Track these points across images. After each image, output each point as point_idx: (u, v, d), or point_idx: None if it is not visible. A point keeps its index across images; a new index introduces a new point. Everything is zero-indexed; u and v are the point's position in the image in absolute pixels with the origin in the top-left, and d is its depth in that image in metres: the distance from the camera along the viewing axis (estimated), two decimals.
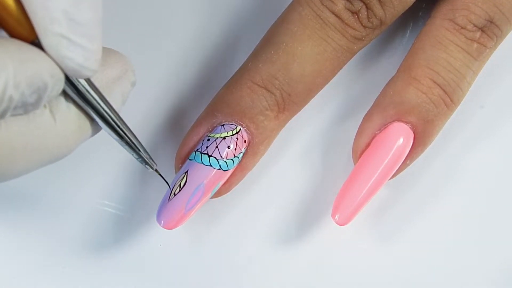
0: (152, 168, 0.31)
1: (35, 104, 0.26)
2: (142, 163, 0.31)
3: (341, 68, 0.34)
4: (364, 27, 0.33)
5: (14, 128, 0.26)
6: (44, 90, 0.25)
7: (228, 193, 0.35)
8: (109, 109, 0.28)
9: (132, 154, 0.30)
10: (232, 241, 0.35)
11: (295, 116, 0.35)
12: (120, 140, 0.29)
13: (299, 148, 0.36)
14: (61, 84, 0.26)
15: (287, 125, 0.35)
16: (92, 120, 0.28)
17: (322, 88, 0.34)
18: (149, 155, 0.31)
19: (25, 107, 0.25)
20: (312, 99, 0.35)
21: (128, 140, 0.30)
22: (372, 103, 0.34)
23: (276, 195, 0.36)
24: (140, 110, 0.37)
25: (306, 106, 0.35)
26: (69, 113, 0.27)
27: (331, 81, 0.34)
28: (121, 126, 0.29)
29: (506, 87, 0.37)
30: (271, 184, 0.36)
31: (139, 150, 0.30)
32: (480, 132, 0.36)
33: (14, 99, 0.24)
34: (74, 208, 0.36)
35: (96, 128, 0.29)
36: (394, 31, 0.37)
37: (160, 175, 0.32)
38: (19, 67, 0.24)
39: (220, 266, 0.35)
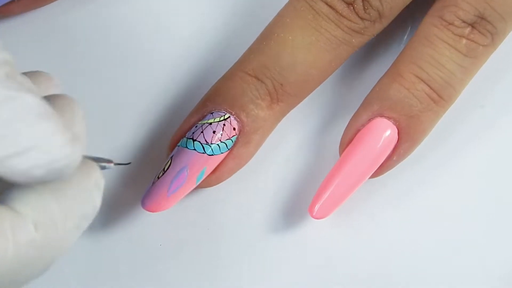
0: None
1: None
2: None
3: (340, 61, 0.34)
4: (361, 18, 0.33)
5: None
6: None
7: (226, 193, 0.36)
8: None
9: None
10: (231, 241, 0.35)
11: (289, 114, 0.35)
12: None
13: (291, 145, 0.36)
14: None
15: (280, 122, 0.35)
16: None
17: (320, 80, 0.34)
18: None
19: None
20: (308, 98, 0.35)
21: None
22: None
23: (273, 195, 0.36)
24: (137, 108, 0.37)
25: (300, 104, 0.35)
26: None
27: (327, 81, 0.34)
28: None
29: (506, 87, 0.37)
30: (268, 183, 0.36)
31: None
32: (480, 132, 0.36)
33: None
34: None
35: None
36: (392, 33, 0.37)
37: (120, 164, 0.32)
38: None
39: (220, 265, 0.35)
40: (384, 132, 0.33)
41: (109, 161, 0.28)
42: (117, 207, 0.36)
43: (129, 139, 0.36)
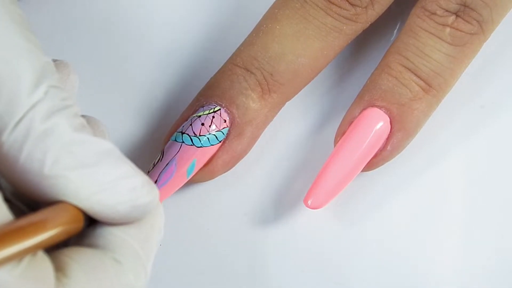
0: None
1: None
2: None
3: (333, 50, 0.34)
4: (352, 5, 0.33)
5: None
6: None
7: (226, 193, 0.36)
8: None
9: None
10: (231, 241, 0.36)
11: (283, 110, 0.35)
12: None
13: (291, 142, 0.37)
14: None
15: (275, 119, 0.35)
16: None
17: (313, 70, 0.34)
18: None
19: None
20: (302, 95, 0.35)
21: None
22: None
23: (273, 195, 0.36)
24: (133, 105, 0.37)
25: (295, 103, 0.35)
26: None
27: (323, 77, 0.34)
28: None
29: (506, 87, 0.37)
30: (267, 183, 0.36)
31: None
32: (480, 132, 0.36)
33: None
34: None
35: None
36: (384, 31, 0.37)
37: None
38: None
39: (220, 265, 0.35)
40: (375, 121, 0.33)
41: None
42: None
43: (126, 136, 0.37)
